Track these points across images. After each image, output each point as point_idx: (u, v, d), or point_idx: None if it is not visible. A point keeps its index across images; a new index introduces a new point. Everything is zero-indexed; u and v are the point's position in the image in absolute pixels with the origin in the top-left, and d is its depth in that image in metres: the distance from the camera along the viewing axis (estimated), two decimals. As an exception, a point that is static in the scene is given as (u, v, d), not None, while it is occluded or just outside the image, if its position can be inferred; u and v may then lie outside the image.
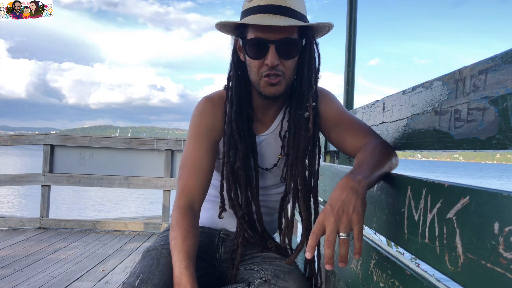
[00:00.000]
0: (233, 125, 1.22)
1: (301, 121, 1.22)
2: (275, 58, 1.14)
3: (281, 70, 1.17)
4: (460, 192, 0.74)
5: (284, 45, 1.15)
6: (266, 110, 1.32)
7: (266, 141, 1.33)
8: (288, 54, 1.17)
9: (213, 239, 1.38)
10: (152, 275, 1.12)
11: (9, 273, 3.15)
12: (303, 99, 1.22)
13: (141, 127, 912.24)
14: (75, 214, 9.89)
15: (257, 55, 1.16)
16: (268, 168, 1.34)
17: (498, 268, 0.60)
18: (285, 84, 1.20)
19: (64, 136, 5.17)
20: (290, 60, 1.18)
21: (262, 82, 1.18)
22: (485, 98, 0.74)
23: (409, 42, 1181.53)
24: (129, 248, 4.16)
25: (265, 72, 1.16)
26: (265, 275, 1.19)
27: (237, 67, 1.26)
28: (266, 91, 1.19)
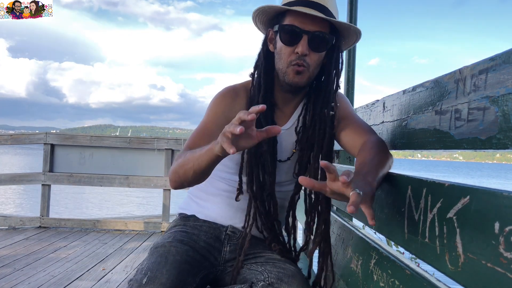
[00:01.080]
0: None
1: (327, 118, 1.27)
2: (306, 47, 1.20)
3: (308, 62, 1.22)
4: (460, 192, 0.74)
5: (316, 38, 1.21)
6: (286, 104, 1.36)
7: (284, 135, 1.35)
8: (318, 47, 1.23)
9: (220, 236, 1.37)
10: (159, 273, 1.12)
11: (10, 272, 3.15)
12: (329, 98, 1.28)
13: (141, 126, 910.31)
14: (75, 214, 9.90)
15: (290, 42, 1.22)
16: (282, 160, 1.35)
17: (498, 267, 0.60)
18: (307, 77, 1.25)
19: (64, 136, 5.17)
20: (318, 54, 1.24)
21: (289, 69, 1.23)
22: (486, 97, 0.74)
23: (409, 41, 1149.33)
24: (129, 247, 4.16)
25: (294, 60, 1.22)
26: (268, 278, 1.19)
27: (266, 57, 1.31)
28: (291, 79, 1.24)
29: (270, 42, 1.31)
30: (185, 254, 1.22)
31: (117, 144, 5.13)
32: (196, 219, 1.41)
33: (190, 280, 1.17)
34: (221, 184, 1.40)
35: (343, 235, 1.51)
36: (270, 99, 1.31)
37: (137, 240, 4.52)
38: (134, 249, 4.11)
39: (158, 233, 4.90)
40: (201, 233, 1.36)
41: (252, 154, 1.27)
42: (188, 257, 1.22)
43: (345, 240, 1.47)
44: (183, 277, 1.15)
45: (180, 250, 1.22)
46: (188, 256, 1.22)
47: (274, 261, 1.29)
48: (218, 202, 1.41)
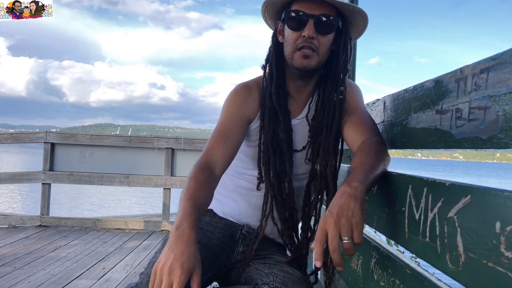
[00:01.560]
0: (274, 98, 1.29)
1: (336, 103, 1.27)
2: (312, 30, 1.21)
3: (316, 45, 1.23)
4: (461, 191, 0.74)
5: (322, 21, 1.23)
6: (299, 93, 1.36)
7: (298, 125, 1.36)
8: (324, 30, 1.24)
9: (235, 235, 1.38)
10: None
11: (10, 271, 3.16)
12: (338, 82, 1.29)
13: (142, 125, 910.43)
14: (76, 212, 9.90)
15: (297, 27, 1.23)
16: (298, 149, 1.35)
17: (499, 267, 0.60)
18: (317, 60, 1.25)
19: (64, 134, 5.17)
20: (325, 37, 1.25)
21: (296, 54, 1.24)
22: (487, 97, 0.74)
23: (409, 41, 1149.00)
24: (129, 246, 4.16)
25: (300, 43, 1.23)
26: (274, 282, 1.19)
27: (276, 48, 1.33)
28: (299, 63, 1.24)
29: (279, 34, 1.33)
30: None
31: (117, 143, 5.13)
32: (212, 215, 1.41)
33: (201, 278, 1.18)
34: (240, 181, 1.41)
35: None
36: (283, 88, 1.32)
37: (137, 239, 4.52)
38: (134, 248, 4.11)
39: (158, 232, 4.90)
40: (216, 230, 1.36)
41: (269, 143, 1.28)
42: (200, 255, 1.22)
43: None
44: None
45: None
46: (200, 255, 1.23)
47: (282, 265, 1.28)
48: (236, 199, 1.42)
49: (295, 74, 1.31)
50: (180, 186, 4.84)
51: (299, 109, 1.37)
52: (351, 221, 0.88)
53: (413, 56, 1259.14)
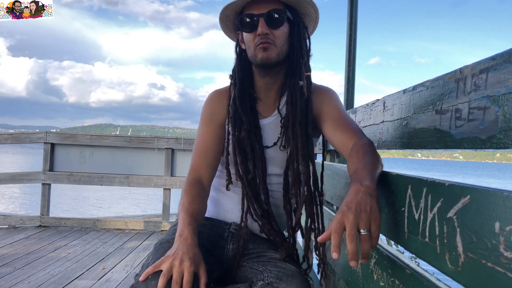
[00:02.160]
0: (237, 102, 1.37)
1: (297, 88, 1.34)
2: (265, 27, 1.30)
3: (272, 39, 1.32)
4: (460, 191, 0.74)
5: (271, 16, 1.32)
6: (268, 91, 1.43)
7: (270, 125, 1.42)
8: (276, 24, 1.32)
9: (223, 234, 1.40)
10: None
11: (10, 271, 3.16)
12: (295, 69, 1.36)
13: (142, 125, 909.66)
14: (75, 213, 9.90)
15: (251, 29, 1.33)
16: (269, 146, 1.40)
17: (498, 267, 0.60)
18: (276, 52, 1.32)
19: (64, 135, 5.17)
20: (279, 30, 1.33)
21: (256, 51, 1.32)
22: (486, 97, 0.74)
23: (409, 41, 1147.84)
24: (129, 247, 4.16)
25: (258, 42, 1.31)
26: (268, 277, 1.20)
27: (240, 56, 1.44)
28: (260, 57, 1.32)
29: (241, 42, 1.42)
30: None
31: (117, 143, 5.13)
32: None
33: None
34: (220, 180, 1.45)
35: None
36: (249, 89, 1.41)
37: (137, 239, 4.52)
38: (134, 248, 4.11)
39: (158, 232, 4.90)
40: (204, 230, 1.38)
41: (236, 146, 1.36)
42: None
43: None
44: None
45: None
46: None
47: (276, 261, 1.29)
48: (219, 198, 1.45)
49: (261, 72, 1.38)
50: (180, 186, 4.84)
51: (269, 108, 1.44)
52: (369, 216, 0.88)
53: (413, 56, 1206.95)
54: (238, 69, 1.42)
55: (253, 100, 1.41)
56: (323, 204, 1.43)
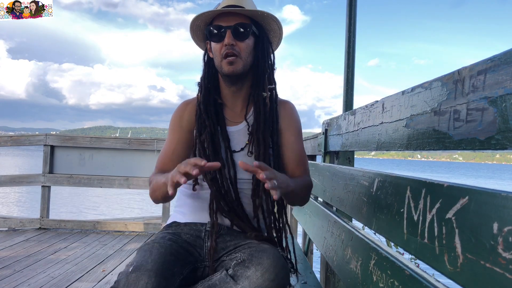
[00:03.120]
0: (201, 107, 1.45)
1: (261, 99, 1.45)
2: (231, 38, 1.40)
3: (237, 50, 1.40)
4: (459, 193, 0.74)
5: (238, 29, 1.41)
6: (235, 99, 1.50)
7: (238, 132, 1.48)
8: (241, 36, 1.42)
9: (200, 234, 1.41)
10: (145, 262, 1.16)
11: (9, 274, 3.15)
12: (259, 81, 1.46)
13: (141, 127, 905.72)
14: (75, 215, 9.89)
15: (218, 39, 1.42)
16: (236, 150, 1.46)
17: (497, 268, 0.60)
18: (242, 64, 1.41)
19: (64, 137, 5.17)
20: (244, 43, 1.42)
21: (223, 63, 1.41)
22: (484, 98, 0.74)
23: (408, 42, 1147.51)
24: (129, 249, 4.16)
25: (224, 51, 1.39)
26: (241, 257, 1.22)
27: (208, 64, 1.51)
28: (226, 70, 1.40)
29: (209, 51, 1.50)
30: (169, 247, 1.27)
31: (117, 145, 5.13)
32: (177, 225, 1.47)
33: (177, 270, 1.22)
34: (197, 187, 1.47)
35: (343, 236, 1.51)
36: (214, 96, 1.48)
37: (137, 241, 4.52)
38: (134, 250, 4.11)
39: (158, 234, 4.90)
40: (182, 232, 1.41)
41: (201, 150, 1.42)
42: (172, 250, 1.27)
43: (345, 241, 1.47)
44: (170, 266, 1.19)
45: (164, 245, 1.27)
46: (173, 249, 1.27)
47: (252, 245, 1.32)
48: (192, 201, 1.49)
49: (227, 81, 1.46)
50: (180, 188, 4.83)
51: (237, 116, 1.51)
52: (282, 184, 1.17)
53: (412, 58, 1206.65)
54: (205, 77, 1.50)
55: (219, 106, 1.48)
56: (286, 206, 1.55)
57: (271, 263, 1.17)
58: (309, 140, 3.06)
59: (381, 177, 1.16)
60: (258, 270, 1.15)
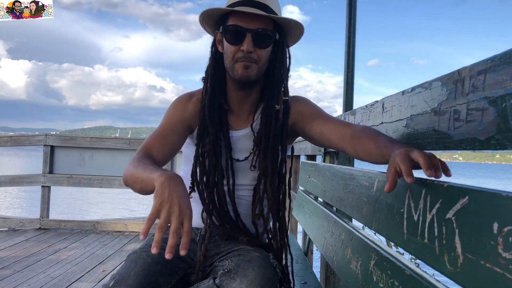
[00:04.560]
0: (206, 111, 1.32)
1: (272, 112, 1.33)
2: (251, 45, 1.25)
3: (254, 58, 1.27)
4: (459, 193, 0.74)
5: (259, 35, 1.27)
6: (241, 104, 1.39)
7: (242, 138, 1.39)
8: (262, 44, 1.28)
9: (195, 239, 1.38)
10: (127, 276, 1.13)
11: (9, 274, 3.15)
12: (273, 93, 1.33)
13: (141, 128, 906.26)
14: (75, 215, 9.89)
15: (235, 41, 1.27)
16: (240, 159, 1.39)
17: (497, 268, 0.60)
18: (257, 71, 1.29)
19: (64, 137, 5.17)
20: (264, 50, 1.29)
21: (236, 65, 1.28)
22: (484, 98, 0.74)
23: (408, 42, 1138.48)
24: (129, 249, 4.16)
25: (240, 58, 1.27)
26: (228, 266, 1.18)
27: (214, 58, 1.36)
28: (239, 74, 1.28)
29: (219, 44, 1.35)
30: (157, 256, 1.21)
31: (117, 145, 5.14)
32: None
33: (164, 280, 1.18)
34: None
35: (343, 236, 1.51)
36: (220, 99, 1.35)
37: (137, 241, 4.52)
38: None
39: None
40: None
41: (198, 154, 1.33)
42: (160, 259, 1.21)
43: (345, 241, 1.47)
44: (154, 278, 1.16)
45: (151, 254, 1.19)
46: (161, 258, 1.22)
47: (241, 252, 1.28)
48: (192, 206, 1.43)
49: (236, 85, 1.34)
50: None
51: (242, 121, 1.40)
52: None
53: (412, 58, 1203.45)
54: (211, 73, 1.35)
55: (223, 112, 1.36)
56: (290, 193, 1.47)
57: (256, 275, 1.13)
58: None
59: (381, 177, 1.16)
60: (243, 282, 1.11)
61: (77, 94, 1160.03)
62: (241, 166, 1.39)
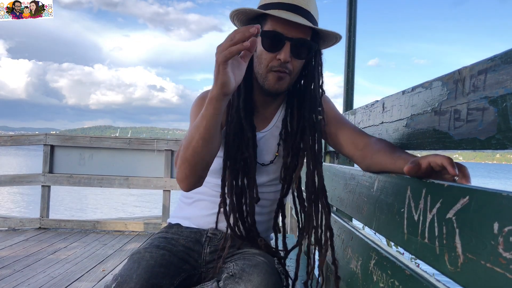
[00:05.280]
0: (242, 113, 1.25)
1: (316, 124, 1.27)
2: (289, 55, 1.18)
3: (290, 69, 1.21)
4: (459, 192, 0.74)
5: (299, 45, 1.20)
6: (266, 106, 1.36)
7: (265, 138, 1.36)
8: (300, 54, 1.22)
9: (200, 239, 1.37)
10: (129, 278, 1.12)
11: (9, 274, 3.15)
12: (316, 103, 1.28)
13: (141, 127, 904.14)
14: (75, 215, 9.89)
15: (272, 48, 1.20)
16: (265, 164, 1.35)
17: (497, 268, 0.60)
18: (288, 83, 1.25)
19: (64, 137, 5.17)
20: (300, 61, 1.23)
21: (270, 75, 1.22)
22: (485, 98, 0.74)
23: (408, 42, 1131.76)
24: (129, 249, 4.16)
25: (275, 67, 1.20)
26: (232, 270, 1.17)
27: None
28: (271, 85, 1.23)
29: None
30: (161, 258, 1.21)
31: (117, 145, 5.13)
32: (179, 227, 1.41)
33: (166, 283, 1.17)
34: (204, 189, 1.38)
35: (343, 236, 1.51)
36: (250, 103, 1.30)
37: (137, 241, 4.52)
38: (133, 250, 4.11)
39: (158, 234, 4.90)
40: (181, 237, 1.36)
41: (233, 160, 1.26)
42: (164, 261, 1.21)
43: (345, 241, 1.47)
44: (156, 280, 1.14)
45: (154, 255, 1.21)
46: (164, 260, 1.22)
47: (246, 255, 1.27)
48: (200, 206, 1.42)
49: (263, 91, 1.28)
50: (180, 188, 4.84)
51: (264, 122, 1.37)
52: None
53: (412, 58, 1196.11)
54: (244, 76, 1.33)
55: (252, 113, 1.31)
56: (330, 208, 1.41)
57: (261, 281, 1.12)
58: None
59: (382, 177, 1.16)
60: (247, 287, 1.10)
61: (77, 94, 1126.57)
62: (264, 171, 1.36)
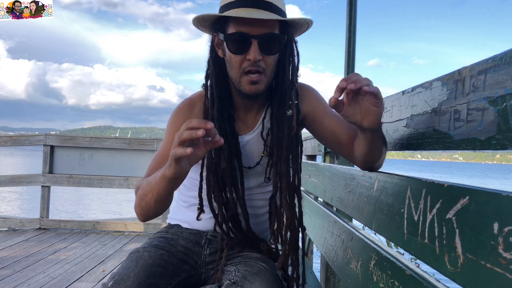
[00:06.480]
0: (216, 125, 1.19)
1: (284, 119, 1.21)
2: (258, 53, 1.13)
3: (263, 67, 1.16)
4: (459, 193, 0.74)
5: (267, 41, 1.14)
6: (248, 109, 1.31)
7: (251, 141, 1.32)
8: (271, 50, 1.16)
9: (200, 241, 1.36)
10: (127, 277, 1.11)
11: (9, 274, 3.15)
12: (285, 98, 1.22)
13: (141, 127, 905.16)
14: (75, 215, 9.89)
15: (239, 50, 1.14)
16: (251, 166, 1.32)
17: (497, 268, 0.60)
18: (265, 82, 1.19)
19: (64, 137, 5.17)
20: (272, 57, 1.17)
21: (243, 80, 1.17)
22: (485, 98, 0.74)
23: (408, 42, 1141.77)
24: (129, 249, 4.15)
25: (247, 68, 1.15)
26: (234, 276, 1.15)
27: (215, 64, 1.23)
28: (247, 89, 1.18)
29: (218, 48, 1.23)
30: (159, 258, 1.20)
31: (117, 145, 5.13)
32: (178, 227, 1.41)
33: (164, 283, 1.16)
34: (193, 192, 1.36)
35: (343, 236, 1.51)
36: (228, 109, 1.25)
37: (137, 241, 4.52)
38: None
39: (158, 234, 4.90)
40: (180, 238, 1.35)
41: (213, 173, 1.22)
42: (162, 260, 1.20)
43: (345, 241, 1.47)
44: (154, 280, 1.13)
45: (153, 255, 1.20)
46: (163, 260, 1.21)
47: (249, 260, 1.25)
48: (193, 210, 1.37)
49: (241, 95, 1.23)
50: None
51: (248, 125, 1.32)
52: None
53: (411, 58, 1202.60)
54: (215, 82, 1.23)
55: (233, 120, 1.25)
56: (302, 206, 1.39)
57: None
58: (309, 140, 3.06)
59: (382, 177, 1.16)
60: None
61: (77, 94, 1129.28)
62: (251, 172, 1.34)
